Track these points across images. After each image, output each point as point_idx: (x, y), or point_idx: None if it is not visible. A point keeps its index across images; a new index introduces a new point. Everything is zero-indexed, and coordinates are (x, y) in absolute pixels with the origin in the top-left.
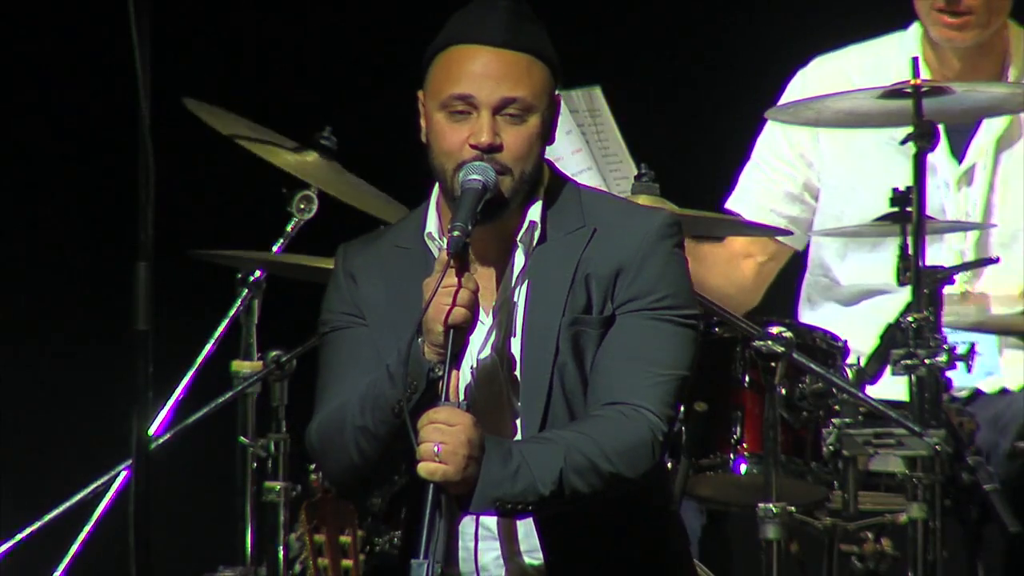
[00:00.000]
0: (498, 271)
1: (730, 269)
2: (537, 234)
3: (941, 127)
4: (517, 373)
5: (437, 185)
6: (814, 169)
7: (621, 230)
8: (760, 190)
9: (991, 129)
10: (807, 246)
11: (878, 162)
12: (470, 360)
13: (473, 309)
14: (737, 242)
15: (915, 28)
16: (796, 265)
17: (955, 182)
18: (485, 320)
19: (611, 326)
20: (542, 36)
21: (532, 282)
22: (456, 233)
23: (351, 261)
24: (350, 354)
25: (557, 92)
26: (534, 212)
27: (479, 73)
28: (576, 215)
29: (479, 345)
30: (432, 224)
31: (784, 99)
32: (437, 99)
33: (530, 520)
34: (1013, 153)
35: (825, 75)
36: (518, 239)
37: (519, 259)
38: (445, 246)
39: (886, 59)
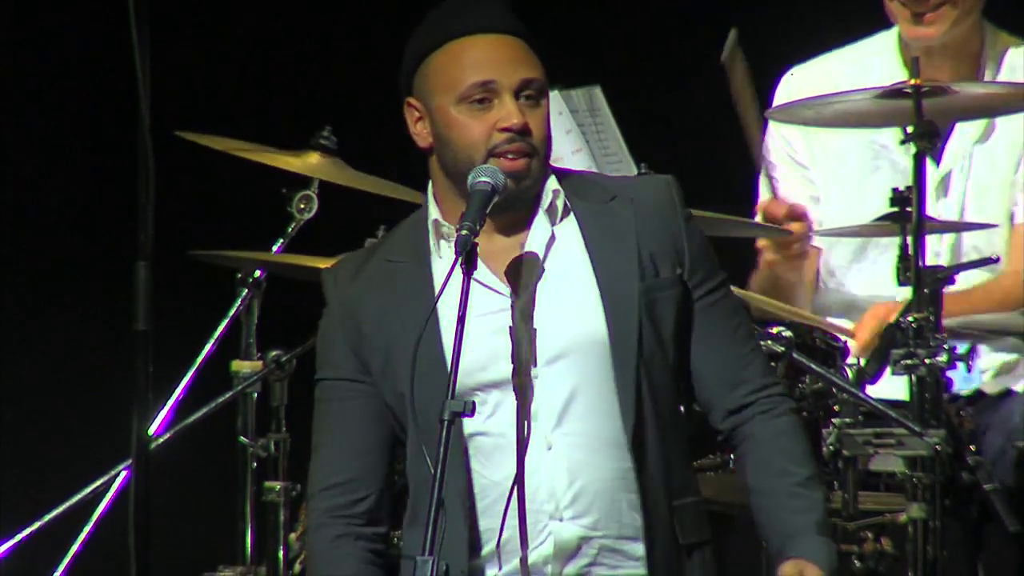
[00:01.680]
0: (520, 244)
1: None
2: (560, 202)
3: None
4: (604, 341)
5: (431, 187)
6: (810, 172)
7: (651, 200)
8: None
9: (965, 133)
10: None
11: (857, 164)
12: (490, 328)
13: None
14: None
15: (896, 29)
16: None
17: (933, 187)
18: (504, 290)
19: (682, 287)
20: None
21: (595, 254)
22: (464, 232)
23: (345, 290)
24: (346, 414)
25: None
26: (552, 184)
27: (493, 59)
28: (598, 189)
29: (500, 314)
30: (437, 213)
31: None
32: (452, 93)
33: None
34: (985, 150)
35: (809, 79)
36: (543, 210)
37: (543, 229)
38: (454, 244)
39: (868, 62)
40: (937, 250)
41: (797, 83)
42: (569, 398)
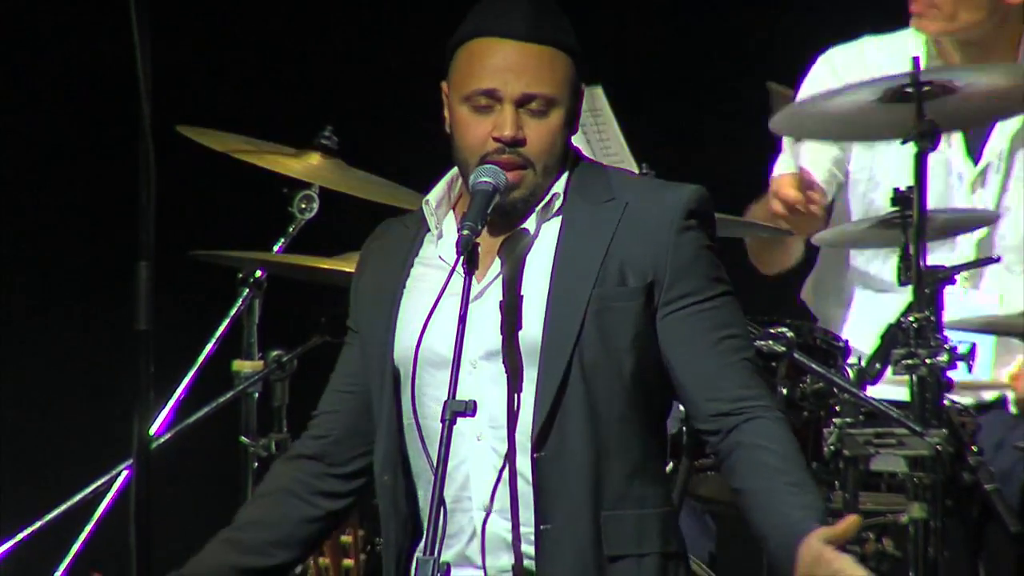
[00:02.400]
0: (502, 238)
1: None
2: (558, 204)
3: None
4: (538, 342)
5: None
6: (844, 145)
7: (652, 207)
8: (816, 148)
9: (1005, 130)
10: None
11: (902, 150)
12: (455, 310)
13: None
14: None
15: None
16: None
17: (969, 183)
18: (475, 283)
19: (644, 298)
20: (565, 27)
21: (559, 256)
22: (466, 232)
23: (368, 246)
24: (341, 359)
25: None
26: (559, 185)
27: (501, 67)
28: (604, 188)
29: (476, 307)
30: (435, 194)
31: (808, 83)
32: (460, 92)
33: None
34: None
35: (848, 63)
36: (537, 208)
37: (530, 227)
38: (455, 242)
39: (903, 54)
40: (969, 248)
41: (840, 63)
42: (507, 391)
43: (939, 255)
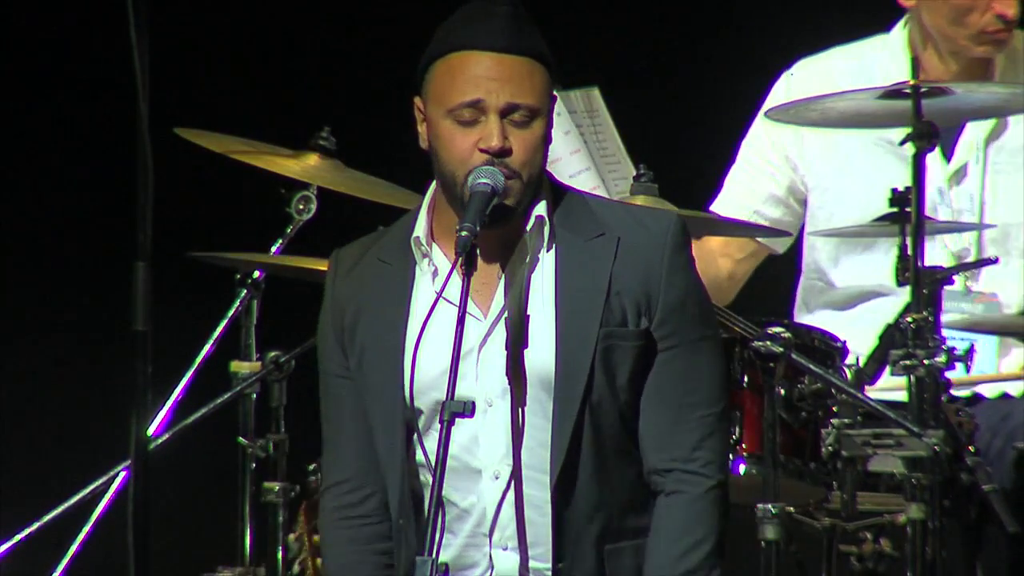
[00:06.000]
0: (499, 268)
1: (706, 266)
2: (547, 231)
3: None
4: (550, 380)
5: (432, 187)
6: (799, 172)
7: (641, 241)
8: (743, 191)
9: (979, 125)
10: (799, 250)
11: (866, 162)
12: (471, 356)
13: None
14: (714, 240)
15: (898, 30)
16: (791, 268)
17: (946, 181)
18: (482, 318)
19: (645, 340)
20: (539, 38)
21: (561, 291)
22: (464, 233)
23: (339, 283)
24: (342, 411)
25: (554, 92)
26: (540, 209)
27: (485, 78)
28: (590, 220)
29: (479, 341)
30: (421, 228)
31: (769, 102)
32: (444, 106)
33: (544, 530)
34: (1002, 147)
35: (809, 78)
36: (526, 236)
37: (527, 257)
38: (454, 245)
39: (870, 61)
40: (960, 248)
41: (798, 80)
42: (519, 430)
43: (935, 259)
